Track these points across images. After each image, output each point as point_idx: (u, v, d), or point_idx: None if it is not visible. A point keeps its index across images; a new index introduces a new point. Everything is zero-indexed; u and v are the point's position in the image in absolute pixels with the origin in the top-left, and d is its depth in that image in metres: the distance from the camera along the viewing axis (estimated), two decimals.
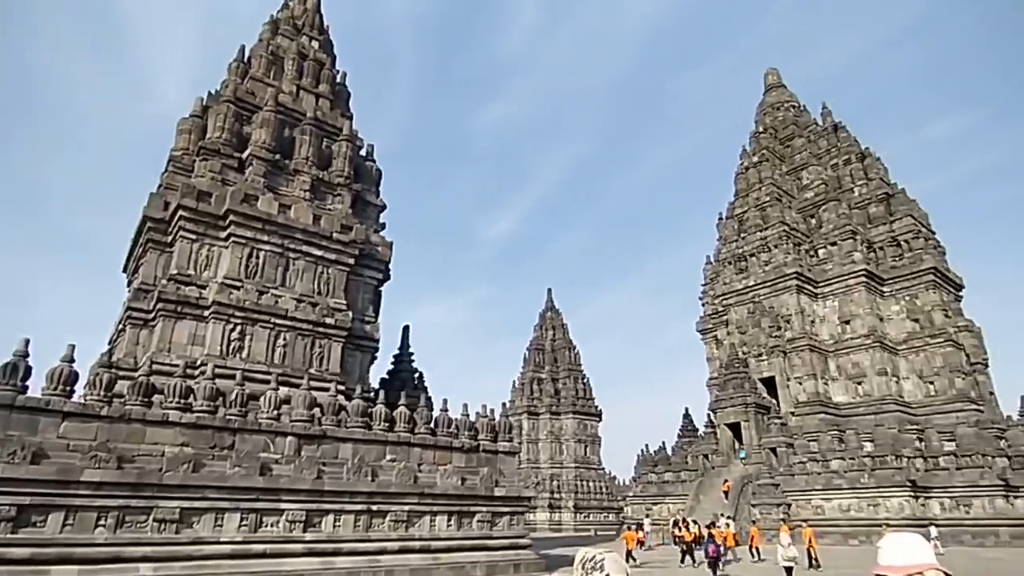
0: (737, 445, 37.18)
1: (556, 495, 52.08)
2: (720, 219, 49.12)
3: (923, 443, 32.06)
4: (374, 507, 16.28)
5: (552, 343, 61.08)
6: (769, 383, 39.42)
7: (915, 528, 27.66)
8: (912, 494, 28.60)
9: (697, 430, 47.68)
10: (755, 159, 47.31)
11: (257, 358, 18.52)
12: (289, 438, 15.86)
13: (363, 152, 25.18)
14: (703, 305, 51.23)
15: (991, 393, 38.59)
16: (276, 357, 18.80)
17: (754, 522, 27.70)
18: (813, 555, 19.91)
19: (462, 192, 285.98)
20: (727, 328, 43.93)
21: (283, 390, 17.37)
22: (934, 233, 42.60)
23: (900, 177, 47.60)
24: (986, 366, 38.91)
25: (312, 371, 19.24)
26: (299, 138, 22.54)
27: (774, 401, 38.39)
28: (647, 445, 45.09)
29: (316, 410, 16.94)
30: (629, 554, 21.93)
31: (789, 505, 30.64)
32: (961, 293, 41.82)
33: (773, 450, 34.05)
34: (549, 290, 65.36)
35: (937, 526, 28.03)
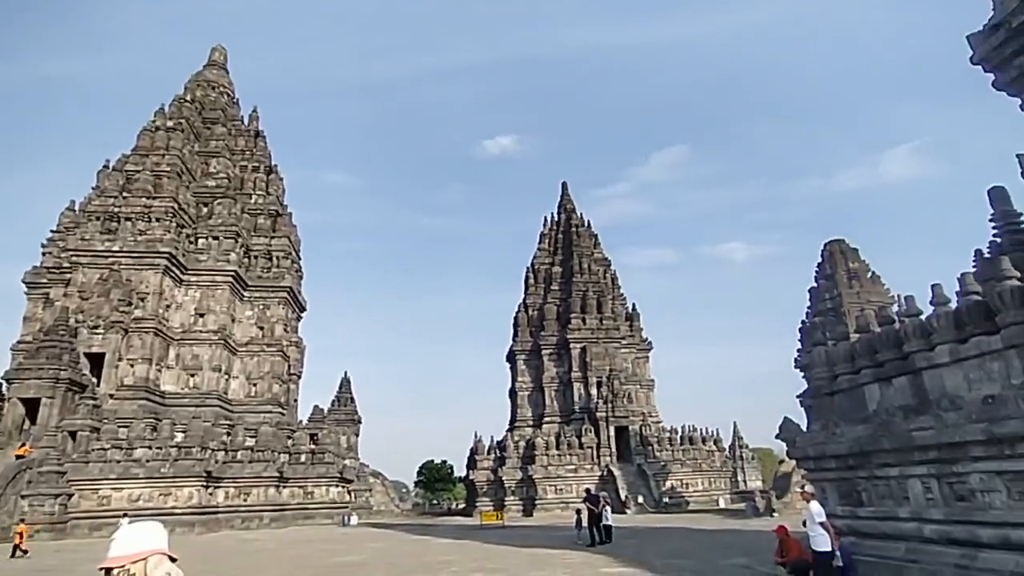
0: (28, 425, 30.96)
1: None
2: (105, 167, 42.45)
3: (231, 438, 34.70)
4: None
5: None
6: (97, 360, 35.11)
7: (204, 514, 29.18)
8: (205, 484, 30.14)
9: None
10: (170, 123, 43.72)
11: None
12: None
13: None
14: (44, 254, 42.16)
15: (296, 400, 45.81)
16: None
17: (22, 520, 22.85)
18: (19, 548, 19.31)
19: None
20: (67, 288, 37.24)
21: None
22: (300, 259, 48.82)
23: (294, 203, 53.06)
24: (300, 377, 46.18)
25: None
26: None
27: (94, 380, 34.28)
28: None
29: None
30: None
31: (71, 495, 27.19)
32: (303, 314, 48.92)
33: (73, 434, 29.96)
34: None
35: (217, 513, 30.31)
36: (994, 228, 12.49)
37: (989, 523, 8.31)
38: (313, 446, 37.48)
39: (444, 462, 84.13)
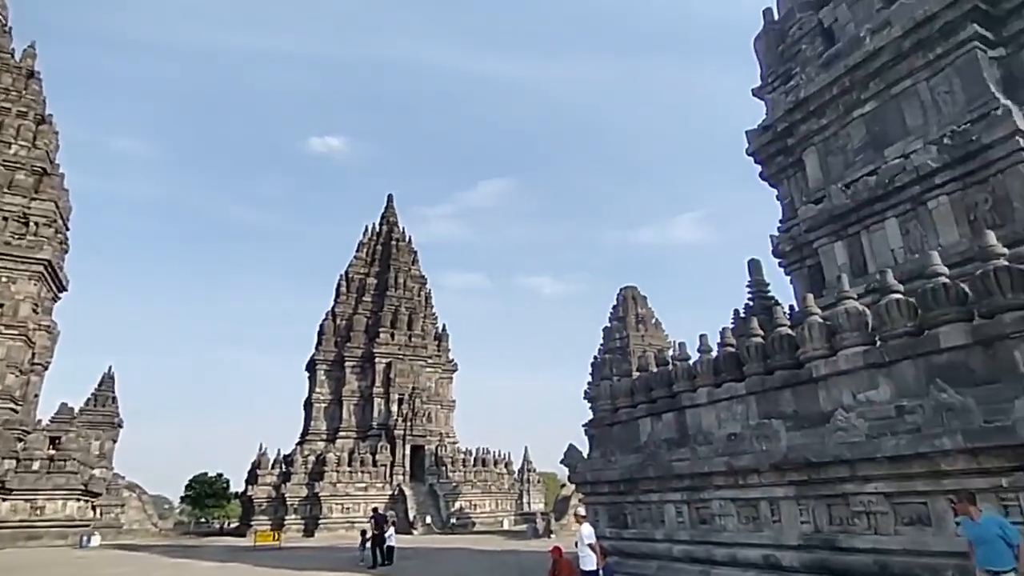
0: None
1: None
2: None
3: None
4: None
5: None
6: None
7: None
8: None
9: None
10: None
11: None
12: None
13: None
14: None
15: (37, 395, 38.32)
16: None
17: None
18: None
19: None
20: None
21: None
22: (68, 229, 41.52)
23: (71, 164, 44.87)
24: (46, 368, 38.81)
25: None
26: None
27: None
28: None
29: None
30: None
31: None
32: (62, 294, 41.43)
33: None
34: None
35: None
36: (749, 293, 14.90)
37: (723, 543, 9.69)
38: (53, 451, 31.51)
39: (219, 476, 76.04)
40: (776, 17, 16.23)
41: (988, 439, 6.67)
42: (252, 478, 44.79)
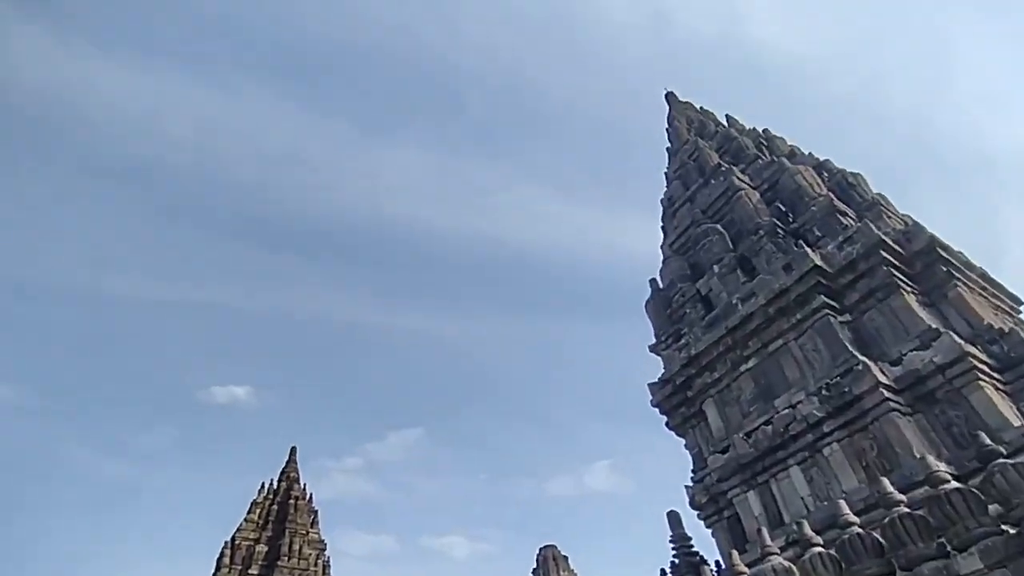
0: None
1: None
2: None
3: None
4: None
5: None
6: None
7: None
8: None
9: None
10: None
11: None
12: None
13: None
14: None
15: None
16: None
17: None
18: None
19: None
20: None
21: None
22: None
23: None
24: None
25: None
26: None
27: None
28: None
29: None
30: None
31: None
32: None
33: None
34: None
35: None
36: (673, 548, 14.28)
37: None
38: None
39: None
40: (661, 286, 18.59)
41: None
42: None
